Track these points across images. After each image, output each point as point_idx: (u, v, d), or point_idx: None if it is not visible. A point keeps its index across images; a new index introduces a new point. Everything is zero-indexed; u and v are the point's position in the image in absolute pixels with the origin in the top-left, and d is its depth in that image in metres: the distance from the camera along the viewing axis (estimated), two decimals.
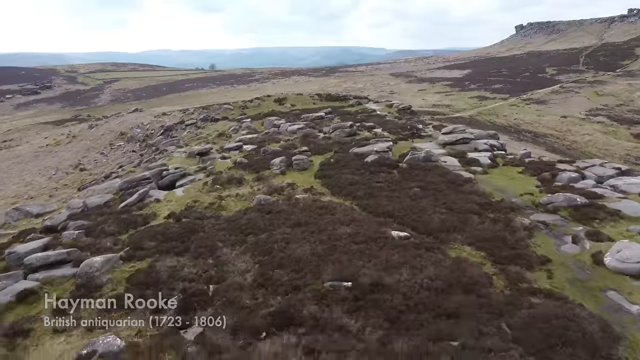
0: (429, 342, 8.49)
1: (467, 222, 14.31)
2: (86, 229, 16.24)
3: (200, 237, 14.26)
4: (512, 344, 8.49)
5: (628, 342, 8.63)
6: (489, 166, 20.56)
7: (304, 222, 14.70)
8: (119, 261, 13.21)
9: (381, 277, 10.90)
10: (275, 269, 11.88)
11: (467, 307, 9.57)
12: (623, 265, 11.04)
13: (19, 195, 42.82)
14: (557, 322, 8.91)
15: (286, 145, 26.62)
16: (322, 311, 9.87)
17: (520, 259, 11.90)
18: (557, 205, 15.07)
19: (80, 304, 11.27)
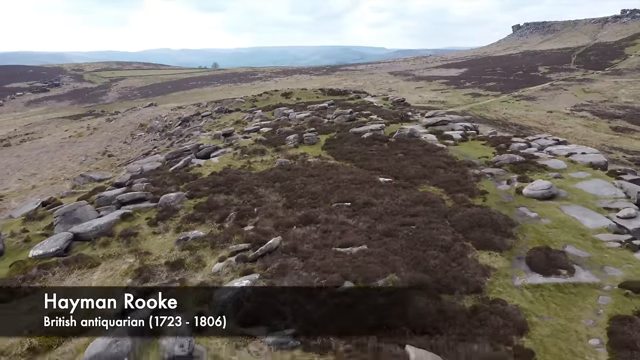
0: (397, 226, 13.89)
1: (434, 173, 19.72)
2: (150, 182, 21.61)
3: (240, 184, 19.66)
4: (448, 227, 13.91)
5: (520, 227, 14.05)
6: (459, 140, 25.96)
7: (316, 174, 20.11)
8: (185, 197, 18.60)
9: (370, 200, 16.32)
10: (298, 198, 17.29)
11: (424, 212, 14.99)
12: (532, 192, 16.48)
13: (56, 177, 48.33)
14: (478, 216, 14.33)
15: (296, 127, 31.99)
16: (331, 216, 15.27)
17: (466, 191, 17.32)
18: (502, 162, 20.50)
19: (166, 219, 16.68)
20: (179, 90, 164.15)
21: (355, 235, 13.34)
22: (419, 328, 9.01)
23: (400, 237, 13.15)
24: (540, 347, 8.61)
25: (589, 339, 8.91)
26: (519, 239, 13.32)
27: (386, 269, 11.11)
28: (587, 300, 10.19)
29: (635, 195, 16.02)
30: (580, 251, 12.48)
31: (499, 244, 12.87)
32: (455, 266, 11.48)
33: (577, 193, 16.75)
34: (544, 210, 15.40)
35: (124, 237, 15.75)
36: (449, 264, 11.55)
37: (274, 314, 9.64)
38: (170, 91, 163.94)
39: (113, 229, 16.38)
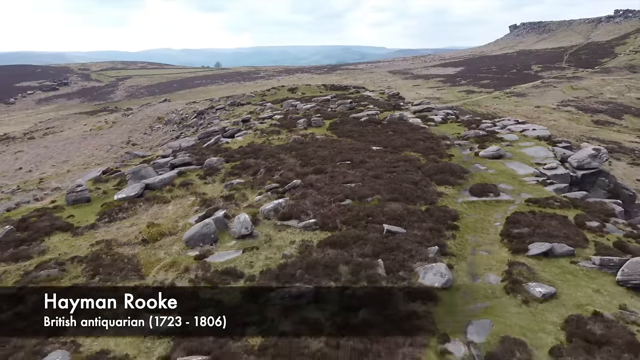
0: (383, 173, 19.60)
1: (415, 144, 25.40)
2: (192, 153, 27.26)
3: (264, 152, 25.34)
4: (420, 174, 19.61)
5: (471, 174, 19.75)
6: (440, 122, 31.65)
7: (323, 145, 25.80)
8: (223, 161, 24.27)
9: (364, 159, 22.01)
10: (310, 160, 22.97)
11: (404, 166, 20.68)
12: (485, 154, 22.21)
13: (87, 163, 54.07)
14: (441, 167, 20.05)
15: (304, 114, 37.66)
16: (335, 169, 20.95)
17: (438, 154, 23.01)
18: (469, 136, 26.20)
19: (212, 175, 22.36)
20: (185, 88, 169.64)
21: (354, 178, 19.04)
22: (392, 218, 14.67)
23: (385, 178, 18.84)
24: (463, 225, 14.25)
25: (494, 222, 14.53)
26: (468, 180, 18.99)
27: (374, 192, 16.81)
28: (501, 208, 15.80)
29: (560, 155, 21.68)
30: (508, 186, 18.16)
31: (453, 182, 18.54)
32: (419, 192, 17.15)
33: (520, 155, 22.44)
34: (491, 165, 21.09)
35: (183, 185, 21.46)
36: (416, 190, 17.23)
37: (301, 213, 15.33)
38: (176, 89, 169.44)
39: (173, 181, 22.08)
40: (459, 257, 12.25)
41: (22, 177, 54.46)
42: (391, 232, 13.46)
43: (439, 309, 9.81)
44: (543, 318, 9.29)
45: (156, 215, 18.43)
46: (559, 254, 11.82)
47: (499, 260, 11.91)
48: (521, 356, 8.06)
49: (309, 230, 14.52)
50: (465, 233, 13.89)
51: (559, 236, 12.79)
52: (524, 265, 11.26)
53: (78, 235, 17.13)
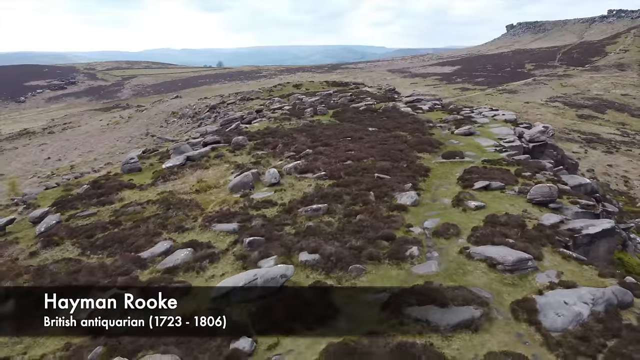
0: (377, 144, 25.06)
1: (404, 126, 30.87)
2: (219, 135, 32.65)
3: (280, 133, 30.79)
4: (406, 145, 25.07)
5: (445, 145, 25.22)
6: (427, 111, 37.12)
7: (328, 128, 31.27)
8: (247, 140, 29.70)
9: (362, 136, 27.49)
10: (319, 138, 28.43)
11: (393, 140, 26.13)
12: (459, 131, 27.73)
13: (111, 153, 59.58)
14: (423, 140, 25.51)
15: (310, 105, 43.11)
16: (339, 143, 26.39)
17: (421, 133, 28.47)
18: (449, 120, 31.67)
19: (239, 149, 27.80)
20: (190, 87, 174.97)
21: (353, 148, 24.52)
22: (382, 170, 20.10)
23: (378, 148, 24.30)
24: (433, 175, 19.74)
25: (456, 173, 20.02)
26: (442, 149, 24.45)
27: (369, 156, 22.30)
28: (463, 166, 21.21)
29: (519, 133, 27.13)
30: (472, 152, 23.62)
31: (430, 150, 24.00)
32: (404, 155, 22.61)
33: (487, 133, 27.88)
34: (463, 140, 26.56)
35: (217, 157, 26.91)
36: (401, 155, 22.69)
37: (314, 169, 20.78)
38: (181, 88, 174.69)
39: (209, 154, 27.53)
40: (426, 191, 17.71)
41: (52, 165, 60.02)
42: (380, 177, 18.92)
43: (408, 215, 15.27)
44: (473, 217, 14.73)
45: (200, 176, 23.87)
46: (494, 187, 17.25)
47: (453, 192, 17.34)
48: (453, 230, 13.50)
49: (321, 180, 19.97)
50: (434, 179, 19.36)
51: (498, 178, 18.24)
52: (468, 193, 16.70)
53: (143, 189, 22.59)
